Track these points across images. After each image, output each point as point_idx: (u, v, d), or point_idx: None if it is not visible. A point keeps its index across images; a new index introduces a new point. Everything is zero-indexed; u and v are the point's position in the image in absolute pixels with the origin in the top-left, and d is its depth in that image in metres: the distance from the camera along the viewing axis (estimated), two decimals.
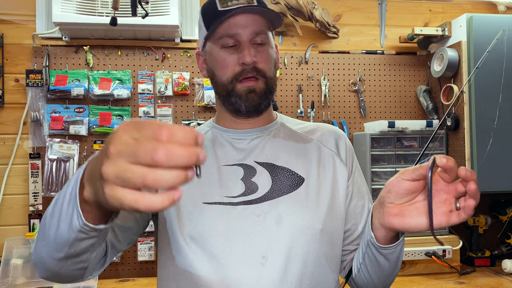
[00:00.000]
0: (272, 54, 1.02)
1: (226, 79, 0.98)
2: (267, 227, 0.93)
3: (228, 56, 0.97)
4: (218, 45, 0.98)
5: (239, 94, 0.98)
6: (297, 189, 0.97)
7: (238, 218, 0.94)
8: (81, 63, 2.13)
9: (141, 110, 2.16)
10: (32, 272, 1.90)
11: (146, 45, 2.18)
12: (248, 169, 0.99)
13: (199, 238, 0.93)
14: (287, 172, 0.99)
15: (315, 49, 2.35)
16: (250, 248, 0.92)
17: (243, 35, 0.96)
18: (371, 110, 2.37)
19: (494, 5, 2.46)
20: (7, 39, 2.10)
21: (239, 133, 1.04)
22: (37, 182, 2.06)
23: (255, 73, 0.97)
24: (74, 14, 1.95)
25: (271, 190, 0.97)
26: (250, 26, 0.96)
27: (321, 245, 0.95)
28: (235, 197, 0.96)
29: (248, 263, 0.91)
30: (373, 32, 2.42)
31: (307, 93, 2.32)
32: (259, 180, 0.98)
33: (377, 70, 2.38)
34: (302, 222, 0.94)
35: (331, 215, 0.98)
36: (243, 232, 0.93)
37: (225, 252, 0.92)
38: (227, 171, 0.99)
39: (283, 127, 1.08)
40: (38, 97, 2.08)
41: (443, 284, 1.98)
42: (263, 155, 1.01)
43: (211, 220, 0.94)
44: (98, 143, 2.10)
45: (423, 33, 2.23)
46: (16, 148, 2.07)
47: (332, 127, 1.11)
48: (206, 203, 0.95)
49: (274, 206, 0.95)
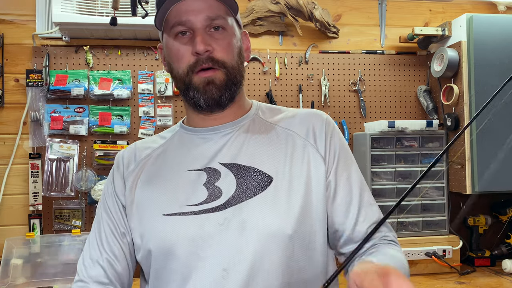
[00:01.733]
0: (235, 42, 0.92)
1: (182, 71, 0.90)
2: (230, 236, 0.84)
3: (182, 47, 0.89)
4: (171, 36, 0.91)
5: (196, 87, 0.89)
6: (264, 190, 0.87)
7: (199, 228, 0.86)
8: (81, 63, 2.13)
9: (141, 110, 2.16)
10: (32, 272, 1.90)
11: (146, 45, 2.18)
12: (212, 172, 0.90)
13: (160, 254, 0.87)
14: (253, 172, 0.88)
15: (315, 49, 2.34)
16: (212, 260, 0.84)
17: (195, 22, 0.87)
18: (371, 110, 2.37)
19: (494, 5, 2.46)
20: (7, 39, 2.10)
21: (206, 131, 0.95)
22: (37, 182, 2.06)
23: (211, 63, 0.88)
24: (74, 14, 1.95)
25: (235, 194, 0.87)
26: (203, 11, 0.87)
27: (292, 253, 0.85)
28: (196, 205, 0.87)
29: (209, 278, 0.83)
30: (373, 32, 2.42)
31: (307, 93, 2.31)
32: (223, 184, 0.88)
33: (377, 70, 2.38)
34: (269, 228, 0.84)
35: (305, 216, 0.87)
36: (204, 243, 0.85)
37: (186, 266, 0.85)
38: (189, 177, 0.91)
39: (256, 119, 0.97)
40: (38, 97, 2.08)
41: (443, 284, 1.98)
42: (229, 155, 0.91)
43: (171, 233, 0.86)
44: (98, 143, 2.10)
45: (423, 33, 2.23)
46: (16, 148, 2.07)
47: (311, 111, 0.98)
48: (165, 214, 0.88)
49: (237, 211, 0.85)
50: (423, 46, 2.35)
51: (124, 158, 1.00)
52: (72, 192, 2.07)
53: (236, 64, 0.91)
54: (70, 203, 2.08)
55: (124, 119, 2.13)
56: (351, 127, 2.34)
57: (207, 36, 0.88)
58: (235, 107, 0.96)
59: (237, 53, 0.92)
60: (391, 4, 2.43)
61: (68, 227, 2.06)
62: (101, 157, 2.10)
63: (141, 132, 2.15)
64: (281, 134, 0.94)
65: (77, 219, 2.08)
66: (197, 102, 0.90)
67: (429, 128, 2.18)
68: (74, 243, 1.98)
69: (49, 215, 2.07)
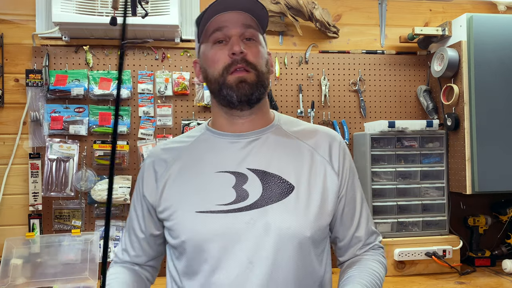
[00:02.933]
0: (264, 52, 1.04)
1: (218, 72, 1.01)
2: (255, 234, 0.96)
3: (218, 51, 1.01)
4: (210, 42, 1.02)
5: (229, 85, 0.99)
6: (286, 197, 0.99)
7: (228, 225, 0.97)
8: (81, 63, 2.13)
9: (141, 110, 2.15)
10: (32, 272, 1.90)
11: (146, 45, 2.18)
12: (240, 176, 1.01)
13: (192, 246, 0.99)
14: (278, 180, 1.01)
15: (315, 49, 2.34)
16: (239, 253, 0.96)
17: (232, 29, 1.00)
18: (371, 110, 2.37)
19: (494, 5, 2.46)
20: (7, 39, 2.10)
21: (234, 136, 1.05)
22: (37, 182, 2.06)
23: (245, 64, 0.99)
24: (74, 14, 1.95)
25: (261, 198, 0.99)
26: (239, 20, 1.00)
27: (309, 251, 1.00)
28: (225, 205, 0.99)
29: (236, 268, 0.95)
30: (373, 32, 2.42)
31: (307, 93, 2.31)
32: (250, 187, 1.00)
33: (377, 70, 2.38)
34: (289, 230, 0.97)
35: (320, 223, 1.01)
36: (233, 239, 0.96)
37: (216, 257, 0.97)
38: (219, 179, 1.02)
39: (278, 129, 1.09)
40: (38, 97, 2.08)
41: (443, 284, 1.98)
42: (256, 162, 1.02)
43: (204, 228, 0.98)
44: (98, 143, 2.10)
45: (423, 33, 2.23)
46: (16, 148, 2.07)
47: (328, 131, 1.11)
48: (198, 211, 0.99)
49: (263, 213, 0.97)
50: (423, 46, 2.35)
51: (154, 158, 1.10)
52: (72, 192, 2.07)
53: (264, 70, 1.03)
54: (70, 203, 2.08)
55: (124, 119, 2.13)
56: (351, 127, 2.34)
57: (242, 42, 1.00)
58: (260, 115, 1.07)
59: (265, 63, 1.04)
60: (391, 4, 2.43)
61: (68, 227, 2.06)
62: (101, 157, 2.10)
63: (141, 132, 2.14)
64: (303, 148, 1.06)
65: (77, 219, 2.08)
66: (230, 98, 1.00)
67: (429, 128, 2.18)
68: (74, 243, 1.98)
69: (49, 215, 2.07)
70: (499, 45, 2.07)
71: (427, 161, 2.22)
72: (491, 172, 2.05)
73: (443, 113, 2.24)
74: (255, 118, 1.06)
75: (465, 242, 2.24)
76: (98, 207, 2.10)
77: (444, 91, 2.23)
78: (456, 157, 2.16)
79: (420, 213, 2.19)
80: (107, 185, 2.18)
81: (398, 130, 2.17)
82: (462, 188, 2.11)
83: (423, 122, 2.18)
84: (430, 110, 2.32)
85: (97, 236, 2.02)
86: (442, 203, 2.21)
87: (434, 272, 2.13)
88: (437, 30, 2.22)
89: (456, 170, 2.16)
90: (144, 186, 1.09)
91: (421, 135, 2.21)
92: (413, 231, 2.18)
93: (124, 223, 2.11)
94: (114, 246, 2.07)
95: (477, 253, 2.26)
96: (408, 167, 2.20)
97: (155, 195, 1.06)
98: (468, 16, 2.09)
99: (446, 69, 2.13)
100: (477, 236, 2.30)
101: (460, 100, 2.12)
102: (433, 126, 2.18)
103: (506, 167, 2.06)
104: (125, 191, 2.08)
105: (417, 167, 2.20)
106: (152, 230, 1.10)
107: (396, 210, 2.18)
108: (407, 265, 2.13)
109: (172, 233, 1.03)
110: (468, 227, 2.32)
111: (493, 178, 2.05)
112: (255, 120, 1.06)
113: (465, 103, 2.09)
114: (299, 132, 1.10)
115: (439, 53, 2.19)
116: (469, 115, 2.09)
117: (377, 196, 2.17)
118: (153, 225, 1.09)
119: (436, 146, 2.24)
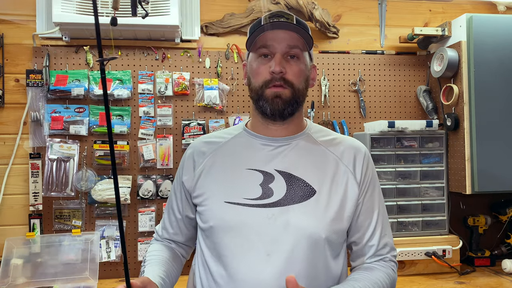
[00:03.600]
0: (304, 71, 1.14)
1: (258, 84, 1.12)
2: (275, 229, 1.06)
3: (262, 65, 1.11)
4: (256, 55, 1.13)
5: (266, 98, 1.10)
6: (308, 199, 1.08)
7: (252, 218, 1.08)
8: (81, 63, 2.14)
9: (141, 110, 2.16)
10: (32, 272, 1.91)
11: (146, 45, 2.18)
12: (267, 175, 1.12)
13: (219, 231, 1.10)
14: (301, 183, 1.10)
15: (315, 49, 2.34)
16: (259, 244, 1.05)
17: (277, 47, 1.09)
18: (371, 110, 2.37)
19: (494, 5, 2.46)
20: (7, 39, 2.10)
21: (267, 139, 1.16)
22: (37, 182, 2.06)
23: (283, 82, 1.09)
24: (74, 14, 1.96)
25: (284, 198, 1.09)
26: (285, 40, 1.09)
27: (324, 250, 1.08)
28: (252, 199, 1.09)
29: (254, 258, 1.05)
30: (373, 32, 2.42)
31: (307, 93, 2.31)
32: (275, 187, 1.10)
33: (377, 70, 2.38)
34: (306, 230, 1.06)
35: (336, 225, 1.09)
36: (253, 230, 1.07)
37: (238, 245, 1.07)
38: (249, 175, 1.12)
39: (308, 137, 1.19)
40: (38, 97, 2.08)
41: (443, 284, 1.98)
42: (283, 164, 1.12)
43: (231, 217, 1.09)
44: (98, 143, 2.10)
45: (423, 33, 2.23)
46: (16, 148, 2.07)
47: (354, 143, 1.22)
48: (227, 202, 1.11)
49: (284, 212, 1.07)
50: (423, 46, 2.35)
51: (194, 149, 1.23)
52: (72, 192, 2.08)
53: (302, 87, 1.13)
54: (70, 203, 2.09)
55: (124, 119, 2.13)
56: (351, 127, 2.34)
57: (284, 61, 1.10)
58: (294, 123, 1.17)
59: (304, 80, 1.14)
60: (391, 4, 2.44)
61: (68, 227, 2.07)
62: (101, 157, 2.10)
63: (141, 132, 2.15)
64: (329, 156, 1.16)
65: (77, 219, 2.08)
66: (264, 110, 1.12)
67: (429, 128, 2.19)
68: (74, 243, 1.98)
69: (49, 215, 2.08)
70: (499, 45, 2.07)
71: (426, 161, 2.22)
72: (491, 172, 2.05)
73: (443, 113, 2.24)
74: (288, 126, 1.16)
75: (464, 242, 2.24)
76: (99, 207, 2.10)
77: (443, 91, 2.23)
78: (456, 157, 2.16)
79: (420, 213, 2.20)
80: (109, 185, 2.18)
81: (398, 130, 2.17)
82: (462, 188, 2.11)
83: (423, 122, 2.19)
84: (430, 110, 2.32)
85: (97, 236, 2.02)
86: (442, 203, 2.21)
87: (434, 272, 2.14)
88: (436, 30, 2.22)
89: (455, 170, 2.16)
90: (183, 173, 1.22)
91: (421, 135, 2.21)
92: (413, 231, 2.18)
93: (125, 223, 2.12)
94: (114, 246, 2.08)
95: (476, 253, 2.27)
96: (408, 167, 2.21)
97: (192, 181, 1.19)
98: (467, 17, 2.09)
99: (446, 69, 2.13)
100: (477, 236, 2.30)
101: (460, 100, 2.12)
102: (433, 126, 2.19)
103: (506, 167, 2.06)
104: (125, 191, 2.08)
105: (417, 167, 2.20)
106: (188, 212, 1.22)
107: (396, 210, 2.18)
108: (407, 265, 2.13)
109: (203, 218, 1.14)
110: (468, 227, 2.32)
111: (493, 178, 2.05)
112: (288, 128, 1.16)
113: (465, 103, 2.10)
114: (327, 141, 1.19)
115: (439, 53, 2.20)
116: (469, 115, 2.09)
117: None
118: (189, 208, 1.22)
119: (436, 146, 2.24)
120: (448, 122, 2.16)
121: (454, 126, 2.13)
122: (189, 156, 1.23)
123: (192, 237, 1.28)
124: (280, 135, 1.16)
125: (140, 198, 2.12)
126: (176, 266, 1.22)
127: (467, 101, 2.10)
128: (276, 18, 1.09)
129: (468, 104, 2.09)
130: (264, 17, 1.10)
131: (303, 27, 1.11)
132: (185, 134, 2.17)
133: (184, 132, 2.17)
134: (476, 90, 2.07)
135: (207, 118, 2.21)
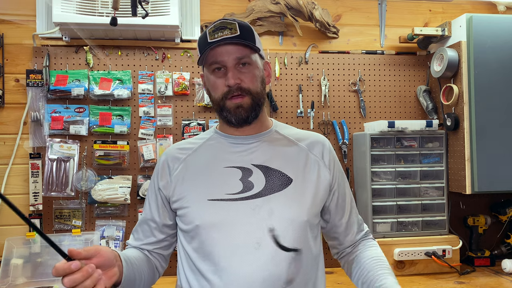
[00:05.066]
0: (258, 73, 1.19)
1: (218, 97, 1.17)
2: (261, 219, 1.12)
3: (218, 80, 1.16)
4: (209, 70, 1.18)
5: (228, 109, 1.16)
6: (286, 187, 1.16)
7: (237, 211, 1.12)
8: (81, 63, 2.14)
9: (141, 110, 2.16)
10: (32, 272, 1.91)
11: (146, 45, 2.18)
12: (245, 170, 1.17)
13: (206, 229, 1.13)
14: (278, 174, 1.17)
15: (315, 49, 2.35)
16: (246, 236, 1.10)
17: (227, 61, 1.14)
18: (371, 110, 2.37)
19: (494, 5, 2.46)
20: (7, 39, 2.10)
21: (239, 138, 1.22)
22: (37, 182, 2.06)
23: (240, 92, 1.14)
24: (74, 14, 1.96)
25: (264, 188, 1.15)
26: (234, 53, 1.13)
27: (306, 233, 1.16)
28: (234, 194, 1.14)
29: (245, 248, 1.10)
30: (373, 32, 2.42)
31: (307, 93, 2.32)
32: (255, 179, 1.16)
33: (377, 70, 2.38)
34: (290, 215, 1.13)
35: (314, 208, 1.19)
36: (240, 223, 1.11)
37: (227, 238, 1.11)
38: (227, 172, 1.17)
39: (277, 133, 1.26)
40: (38, 97, 2.08)
41: (443, 284, 1.98)
42: (259, 159, 1.19)
43: (215, 214, 1.13)
44: (98, 143, 2.10)
45: (423, 33, 2.23)
46: (16, 148, 2.07)
47: (319, 137, 1.30)
48: (210, 199, 1.14)
49: (266, 201, 1.14)
50: (423, 46, 2.35)
51: (168, 156, 1.26)
52: (72, 192, 2.08)
53: (259, 90, 1.19)
54: (70, 203, 2.09)
55: (124, 119, 2.13)
56: (351, 127, 2.34)
57: (236, 71, 1.14)
58: (259, 123, 1.23)
59: (260, 82, 1.19)
60: (391, 4, 2.44)
61: (68, 227, 2.07)
62: (101, 157, 2.10)
63: (141, 132, 2.15)
64: (299, 148, 1.24)
65: (77, 219, 2.08)
66: (229, 120, 1.17)
67: (428, 128, 2.19)
68: (74, 243, 1.99)
69: (49, 215, 2.08)
70: (499, 45, 2.07)
71: (426, 161, 2.22)
72: (491, 172, 2.05)
73: (443, 113, 2.24)
74: (255, 126, 1.22)
75: (464, 242, 2.24)
76: (99, 207, 2.10)
77: (443, 91, 2.23)
78: (456, 157, 2.16)
79: (419, 213, 2.20)
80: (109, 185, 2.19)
81: (398, 130, 2.17)
82: (462, 188, 2.11)
83: (423, 122, 2.19)
84: (429, 110, 2.33)
85: (97, 236, 2.03)
86: (442, 203, 2.21)
87: (434, 272, 2.14)
88: (436, 31, 2.22)
89: (455, 170, 2.16)
90: (160, 179, 1.23)
91: (420, 135, 2.21)
92: (413, 231, 2.19)
93: (125, 223, 2.12)
94: (114, 246, 2.08)
95: (476, 253, 2.27)
96: (407, 167, 2.21)
97: (169, 187, 1.21)
98: (467, 17, 2.09)
99: (446, 69, 2.13)
100: (477, 236, 2.30)
101: (460, 100, 2.12)
102: (433, 126, 2.19)
103: (506, 167, 2.06)
104: (125, 191, 2.08)
105: (417, 167, 2.20)
106: (165, 220, 1.23)
107: (396, 210, 2.18)
108: (407, 265, 2.13)
109: (185, 220, 1.17)
110: (468, 227, 2.32)
111: (493, 178, 2.05)
112: (255, 127, 1.22)
113: (465, 103, 2.10)
114: (294, 135, 1.27)
115: (439, 53, 2.20)
116: (469, 115, 2.09)
117: (377, 196, 2.17)
118: (167, 215, 1.23)
119: (436, 146, 2.24)
120: (448, 122, 2.16)
121: (454, 126, 2.13)
122: (164, 162, 1.25)
123: (167, 244, 1.27)
124: (250, 133, 1.22)
125: (140, 198, 2.12)
126: (147, 268, 1.21)
127: (467, 101, 2.10)
128: (220, 32, 1.12)
129: (468, 104, 2.09)
130: (209, 32, 1.13)
131: (247, 32, 1.14)
132: (185, 134, 2.17)
133: (184, 132, 2.17)
134: (476, 90, 2.07)
135: (207, 118, 2.21)
